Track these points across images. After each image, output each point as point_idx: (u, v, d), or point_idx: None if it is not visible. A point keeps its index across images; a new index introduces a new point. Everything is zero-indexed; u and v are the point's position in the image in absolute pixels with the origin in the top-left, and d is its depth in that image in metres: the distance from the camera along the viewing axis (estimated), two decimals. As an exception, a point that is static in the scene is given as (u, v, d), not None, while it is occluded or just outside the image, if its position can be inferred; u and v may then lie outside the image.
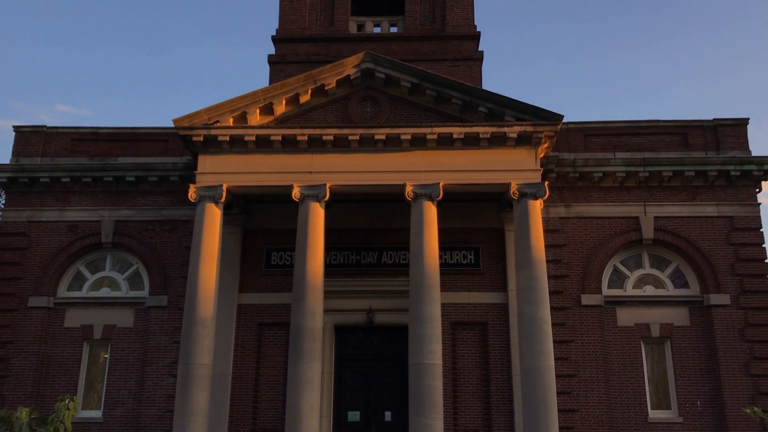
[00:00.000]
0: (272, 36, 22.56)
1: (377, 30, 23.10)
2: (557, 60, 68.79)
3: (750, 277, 19.78)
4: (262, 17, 68.70)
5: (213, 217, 18.21)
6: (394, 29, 23.16)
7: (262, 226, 20.69)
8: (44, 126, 21.83)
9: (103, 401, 19.93)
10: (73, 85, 69.53)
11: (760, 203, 20.47)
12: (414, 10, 22.75)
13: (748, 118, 21.03)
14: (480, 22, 57.63)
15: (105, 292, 21.00)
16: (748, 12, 64.94)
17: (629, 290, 20.34)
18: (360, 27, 23.03)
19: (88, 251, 21.15)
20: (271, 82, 21.66)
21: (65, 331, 20.45)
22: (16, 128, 21.92)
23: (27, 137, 21.74)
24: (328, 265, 19.16)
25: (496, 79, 64.56)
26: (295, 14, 22.75)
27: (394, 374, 19.86)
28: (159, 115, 71.24)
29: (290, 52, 22.32)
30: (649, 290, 20.34)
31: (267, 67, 23.96)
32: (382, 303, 19.83)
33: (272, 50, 22.58)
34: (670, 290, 20.33)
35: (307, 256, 17.65)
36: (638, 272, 20.56)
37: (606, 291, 20.20)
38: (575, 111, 69.75)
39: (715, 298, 19.68)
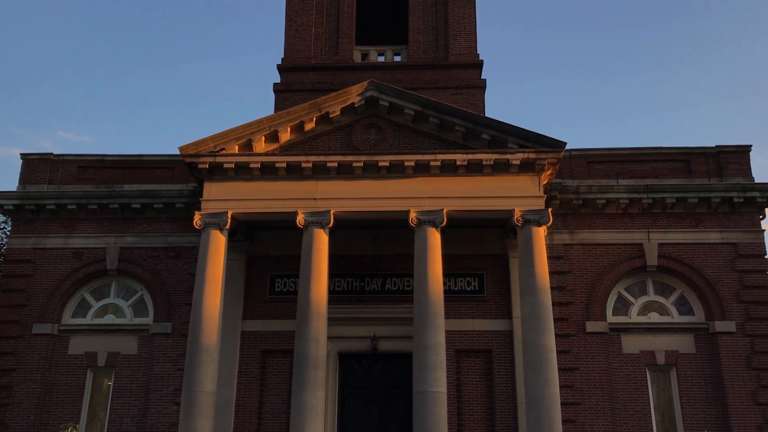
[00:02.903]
0: (278, 65, 22.85)
1: (381, 59, 23.37)
2: (560, 86, 69.27)
3: (755, 304, 19.70)
4: (265, 45, 69.49)
5: (218, 243, 18.28)
6: (397, 58, 23.44)
7: (267, 252, 20.75)
8: (51, 153, 22.06)
9: (106, 429, 19.81)
10: (73, 112, 70.15)
11: (764, 230, 20.49)
12: (417, 39, 23.03)
13: (751, 145, 21.12)
14: (483, 48, 58.10)
15: (109, 319, 21.02)
16: (750, 38, 65.46)
17: (634, 317, 20.27)
18: (364, 56, 23.31)
19: (93, 278, 21.21)
20: (276, 109, 21.87)
21: (69, 358, 20.42)
22: (24, 156, 22.14)
23: (34, 165, 21.94)
24: (331, 292, 19.17)
25: (498, 104, 64.96)
26: (301, 43, 23.05)
27: (399, 402, 19.73)
28: (161, 143, 71.82)
29: (295, 81, 22.58)
30: (654, 317, 20.27)
31: (270, 94, 24.21)
32: (386, 330, 19.79)
33: (277, 78, 22.86)
34: (675, 317, 20.25)
35: (311, 283, 17.67)
36: (643, 299, 20.51)
37: (611, 318, 20.13)
38: (577, 137, 70.12)
39: (721, 326, 19.59)
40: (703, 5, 67.82)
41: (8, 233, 23.68)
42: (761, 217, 20.62)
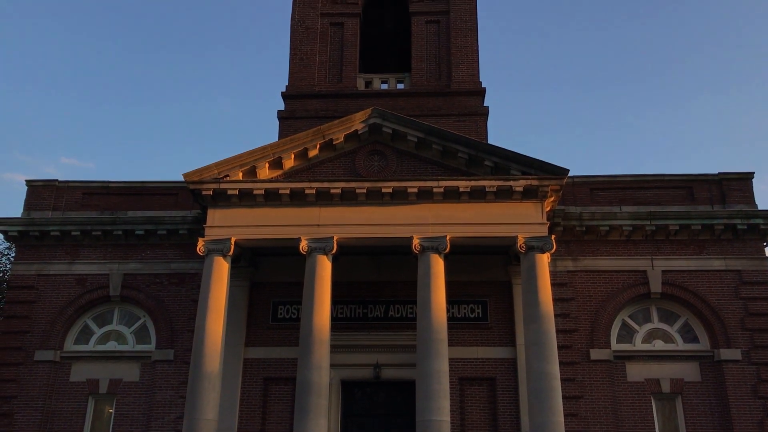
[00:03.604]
0: (282, 92, 23.03)
1: (384, 86, 23.56)
2: (563, 112, 69.57)
3: (761, 332, 19.58)
4: (270, 72, 70.09)
5: (221, 270, 18.28)
6: (401, 86, 23.62)
7: (270, 279, 20.73)
8: (56, 180, 22.18)
9: (106, 457, 19.67)
10: (78, 138, 70.61)
11: (768, 257, 20.43)
12: (420, 68, 23.23)
13: (753, 172, 21.16)
14: (486, 74, 58.59)
15: (112, 345, 20.95)
16: (754, 65, 65.85)
17: (638, 345, 20.15)
18: (368, 83, 23.50)
19: (95, 304, 21.19)
20: (280, 136, 22.00)
21: (71, 385, 20.32)
22: (29, 182, 22.27)
23: (39, 191, 22.04)
24: (334, 319, 19.11)
25: (501, 130, 65.23)
26: (305, 71, 23.26)
27: (402, 431, 19.53)
28: (165, 169, 72.23)
29: (299, 108, 22.75)
30: (659, 345, 20.15)
31: (271, 120, 24.37)
32: (389, 358, 19.68)
33: (281, 105, 23.02)
34: (680, 345, 20.12)
35: (314, 310, 17.63)
36: (647, 326, 20.40)
37: (615, 345, 20.01)
38: (580, 163, 70.25)
39: (726, 353, 19.45)
40: (703, 32, 68.39)
41: (12, 259, 23.67)
42: (765, 244, 20.58)
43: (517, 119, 66.61)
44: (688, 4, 68.52)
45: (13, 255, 23.08)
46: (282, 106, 22.99)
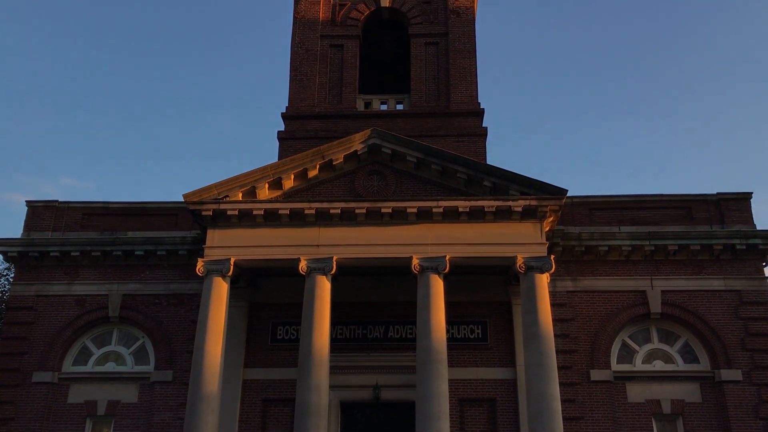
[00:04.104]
0: (282, 113, 23.15)
1: (384, 107, 23.70)
2: (560, 132, 69.88)
3: (761, 353, 19.52)
4: (270, 93, 70.49)
5: (220, 291, 18.26)
6: (400, 106, 23.76)
7: (269, 299, 20.69)
8: (56, 201, 22.22)
9: (104, 480, 19.51)
10: (77, 158, 70.76)
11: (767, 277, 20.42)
12: (419, 89, 23.39)
13: (751, 193, 21.23)
14: (484, 95, 58.90)
15: (110, 366, 20.86)
16: (751, 85, 66.28)
17: (638, 365, 20.08)
18: (367, 104, 23.64)
19: (94, 325, 21.13)
20: (280, 157, 22.07)
21: (68, 407, 20.19)
22: (29, 203, 22.31)
23: (39, 212, 22.07)
24: (333, 340, 19.05)
25: (499, 151, 65.47)
26: (305, 93, 23.41)
27: (401, 452, 19.40)
28: (165, 189, 72.27)
29: (299, 128, 22.85)
30: (659, 365, 20.07)
31: (271, 141, 24.45)
32: (389, 379, 19.58)
33: (281, 126, 23.10)
34: (680, 365, 20.05)
35: (313, 331, 17.58)
36: (647, 347, 20.34)
37: (615, 366, 19.94)
38: (578, 182, 70.41)
39: (727, 374, 19.38)
40: (702, 51, 68.92)
41: (11, 280, 23.65)
42: (764, 264, 20.59)
43: (516, 139, 66.91)
44: (686, 26, 69.12)
45: (12, 276, 23.01)
46: (282, 127, 23.10)
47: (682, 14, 69.12)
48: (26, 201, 22.35)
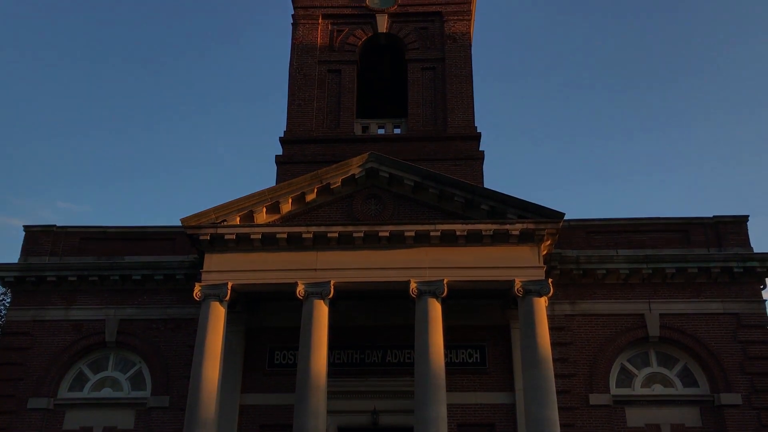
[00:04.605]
0: (280, 137, 23.25)
1: (381, 131, 23.83)
2: (558, 153, 70.12)
3: (760, 376, 19.44)
4: (268, 117, 70.79)
5: (217, 315, 18.20)
6: (397, 130, 23.90)
7: (266, 324, 20.62)
8: (54, 225, 22.21)
9: (99, 508, 19.27)
10: (74, 182, 70.77)
11: (766, 300, 20.42)
12: (416, 113, 23.55)
13: (748, 215, 21.29)
14: (481, 120, 59.21)
15: (106, 392, 20.69)
16: (749, 108, 66.74)
17: (638, 389, 19.97)
18: (365, 128, 23.78)
19: (91, 350, 21.01)
20: (278, 181, 22.13)
21: (64, 434, 19.97)
22: (27, 228, 22.29)
23: (36, 236, 22.05)
24: (331, 364, 18.95)
25: (497, 172, 65.66)
26: (303, 117, 23.55)
27: (400, 478, 19.21)
28: (162, 213, 72.18)
29: (297, 153, 22.94)
30: (658, 389, 19.97)
31: (269, 165, 24.48)
32: (387, 404, 19.44)
33: (279, 150, 23.17)
34: (680, 389, 19.94)
35: (311, 356, 17.50)
36: (646, 371, 20.25)
37: (614, 390, 19.83)
38: (575, 204, 70.46)
39: (726, 398, 19.27)
40: (700, 72, 69.47)
41: (7, 305, 23.56)
42: (762, 287, 20.57)
43: (512, 162, 67.15)
44: (683, 49, 69.78)
45: (9, 301, 22.93)
46: (280, 151, 23.19)
47: (678, 42, 69.81)
48: (24, 226, 22.37)
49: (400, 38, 24.76)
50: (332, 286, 18.21)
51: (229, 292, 18.32)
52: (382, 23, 24.90)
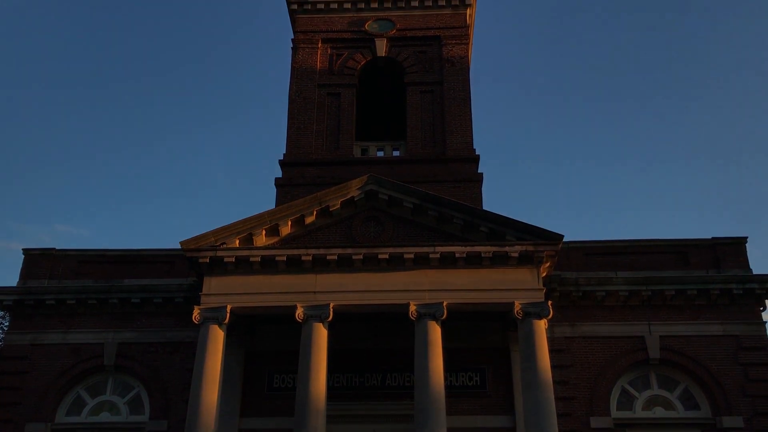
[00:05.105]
0: (280, 160, 23.33)
1: (381, 153, 23.93)
2: (556, 176, 70.33)
3: (762, 399, 19.33)
4: (267, 139, 71.00)
5: (216, 339, 18.13)
6: (396, 153, 24.01)
7: (265, 347, 20.52)
8: (53, 249, 22.20)
9: None
10: (72, 205, 70.80)
11: (766, 322, 20.38)
12: (416, 135, 23.67)
13: (746, 237, 21.34)
14: (481, 139, 59.47)
15: (105, 417, 20.55)
16: (746, 130, 67.09)
17: (639, 412, 19.85)
18: (364, 151, 23.88)
19: (89, 374, 20.90)
20: (277, 203, 22.16)
21: (61, 459, 19.83)
22: (26, 251, 22.29)
23: (35, 260, 22.03)
24: (330, 388, 18.82)
25: (496, 193, 65.78)
26: (303, 140, 23.66)
27: (400, 503, 19.02)
28: (161, 235, 72.08)
29: (297, 175, 23.01)
30: (659, 412, 19.85)
31: (268, 188, 24.51)
32: (387, 428, 19.30)
33: (278, 172, 23.25)
34: (681, 412, 19.82)
35: (310, 379, 17.41)
36: (647, 393, 20.14)
37: (615, 413, 19.70)
38: (573, 224, 70.48)
39: (728, 421, 19.15)
40: (698, 93, 69.92)
41: (5, 329, 23.47)
42: (761, 308, 20.55)
43: (511, 184, 67.32)
44: (683, 68, 70.31)
45: (7, 324, 22.85)
46: (279, 174, 23.27)
47: (676, 61, 70.36)
48: (23, 249, 22.35)
49: (398, 62, 24.96)
50: (331, 309, 18.17)
51: (228, 315, 18.27)
52: (381, 47, 25.14)
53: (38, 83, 71.37)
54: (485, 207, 21.69)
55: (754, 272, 20.72)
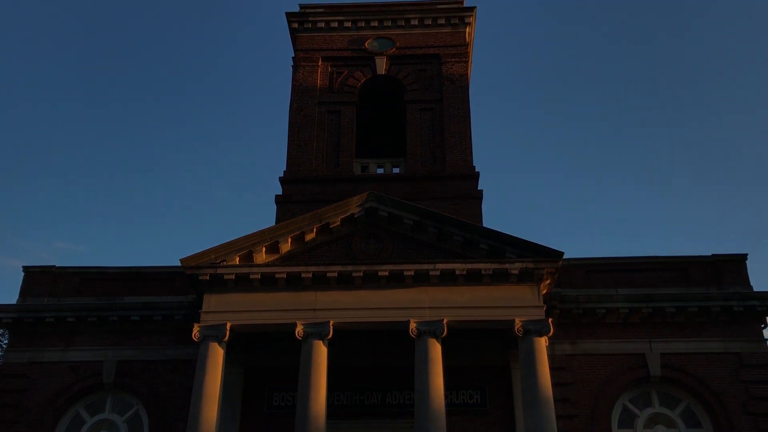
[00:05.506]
0: (280, 177, 23.41)
1: (380, 171, 24.02)
2: (557, 193, 70.39)
3: (764, 416, 19.20)
4: (267, 156, 71.21)
5: (216, 357, 18.08)
6: (396, 170, 24.09)
7: (265, 364, 20.44)
8: (53, 266, 22.19)
9: None
10: (71, 222, 70.76)
11: (767, 339, 20.29)
12: (415, 153, 23.76)
13: (747, 254, 21.31)
14: (480, 156, 59.57)
15: (103, 435, 20.43)
16: (746, 146, 67.24)
17: (640, 430, 19.73)
18: (364, 168, 23.96)
19: (88, 392, 20.80)
20: (278, 220, 22.20)
21: (57, 480, 19.67)
22: (26, 269, 22.27)
23: (36, 277, 22.02)
24: (330, 406, 18.75)
25: (496, 210, 65.80)
26: (303, 157, 23.75)
27: None
28: (160, 253, 71.92)
29: (297, 192, 23.06)
30: (661, 430, 19.73)
31: (268, 205, 24.55)
32: (387, 446, 19.20)
33: (278, 189, 23.30)
34: (683, 430, 19.71)
35: (310, 398, 17.33)
36: (648, 411, 20.03)
37: (616, 431, 19.58)
38: (574, 241, 70.43)
39: (731, 439, 19.04)
40: (696, 111, 70.16)
41: (4, 346, 23.40)
42: (762, 326, 20.49)
43: (511, 200, 67.36)
44: (683, 84, 70.61)
45: (6, 342, 22.78)
46: (280, 191, 23.32)
47: (676, 76, 70.69)
48: (23, 266, 22.33)
49: (398, 80, 25.12)
50: (331, 327, 18.13)
51: (228, 332, 18.22)
52: (381, 65, 25.31)
53: (39, 100, 71.72)
54: (485, 223, 21.73)
55: (755, 289, 20.69)
